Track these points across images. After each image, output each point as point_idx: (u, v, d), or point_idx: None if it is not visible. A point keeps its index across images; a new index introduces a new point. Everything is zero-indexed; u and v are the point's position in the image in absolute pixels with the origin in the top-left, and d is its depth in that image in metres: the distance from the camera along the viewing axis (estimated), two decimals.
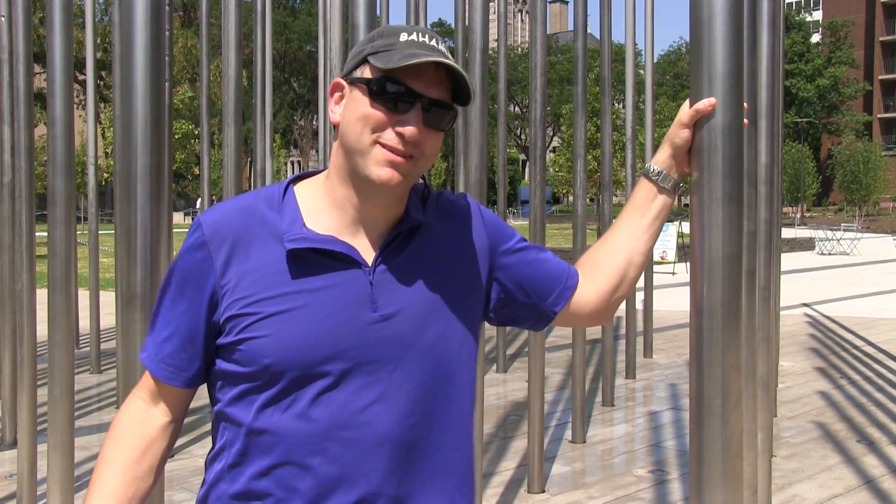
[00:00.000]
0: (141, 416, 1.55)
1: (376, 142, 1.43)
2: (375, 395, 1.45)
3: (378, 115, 1.43)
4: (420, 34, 1.46)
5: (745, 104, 1.69)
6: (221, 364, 1.49)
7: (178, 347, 1.50)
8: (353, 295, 1.46)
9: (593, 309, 1.70)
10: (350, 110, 1.46)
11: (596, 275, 1.71)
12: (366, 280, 1.47)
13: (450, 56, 1.46)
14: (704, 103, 1.63)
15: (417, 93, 1.43)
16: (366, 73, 1.46)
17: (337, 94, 1.51)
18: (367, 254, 1.49)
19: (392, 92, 1.42)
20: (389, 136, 1.43)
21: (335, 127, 1.51)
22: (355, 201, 1.49)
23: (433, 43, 1.46)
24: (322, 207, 1.51)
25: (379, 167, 1.43)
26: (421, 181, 1.58)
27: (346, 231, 1.49)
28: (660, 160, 1.71)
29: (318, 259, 1.46)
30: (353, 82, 1.47)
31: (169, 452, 1.59)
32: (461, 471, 1.57)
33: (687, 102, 1.68)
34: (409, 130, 1.42)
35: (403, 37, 1.45)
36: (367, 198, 1.48)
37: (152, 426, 1.55)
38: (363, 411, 1.44)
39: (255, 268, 1.45)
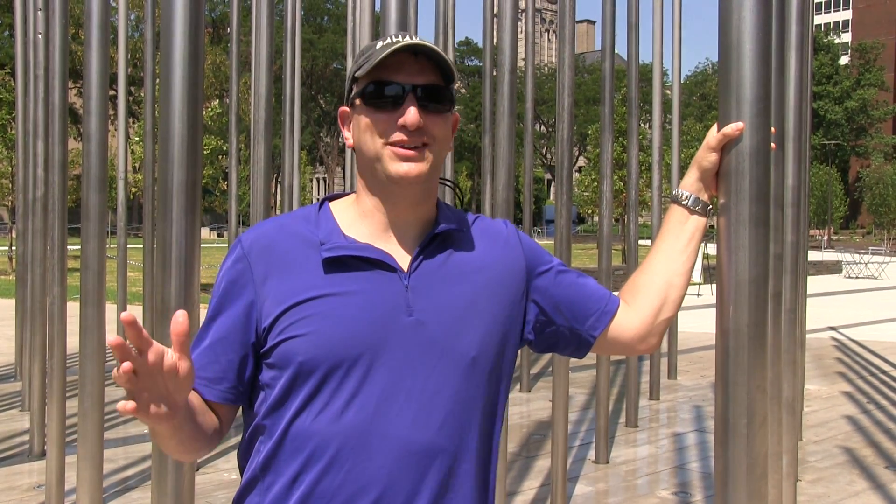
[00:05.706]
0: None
1: (386, 144, 1.50)
2: (408, 402, 1.47)
3: (379, 118, 1.50)
4: (394, 36, 1.52)
5: (773, 128, 1.71)
6: (261, 374, 1.52)
7: (211, 358, 1.52)
8: (389, 298, 1.49)
9: (637, 334, 1.70)
10: (357, 128, 1.55)
11: (637, 300, 1.71)
12: (401, 284, 1.51)
13: (427, 43, 1.52)
14: (732, 128, 1.65)
15: (405, 84, 1.49)
16: (356, 89, 1.55)
17: (347, 122, 1.59)
18: (402, 259, 1.54)
19: (382, 91, 1.50)
20: (395, 134, 1.49)
21: (353, 150, 1.59)
22: (383, 207, 1.55)
23: (407, 40, 1.51)
24: (355, 218, 1.56)
25: (394, 164, 1.49)
26: (460, 207, 1.61)
27: (381, 237, 1.55)
28: (688, 184, 1.73)
29: (354, 264, 1.51)
30: (352, 103, 1.56)
31: (218, 435, 1.55)
32: (484, 483, 1.57)
33: (715, 126, 1.71)
34: (409, 118, 1.48)
35: (379, 44, 1.52)
36: (395, 200, 1.54)
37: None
38: (395, 417, 1.46)
39: (294, 276, 1.50)
